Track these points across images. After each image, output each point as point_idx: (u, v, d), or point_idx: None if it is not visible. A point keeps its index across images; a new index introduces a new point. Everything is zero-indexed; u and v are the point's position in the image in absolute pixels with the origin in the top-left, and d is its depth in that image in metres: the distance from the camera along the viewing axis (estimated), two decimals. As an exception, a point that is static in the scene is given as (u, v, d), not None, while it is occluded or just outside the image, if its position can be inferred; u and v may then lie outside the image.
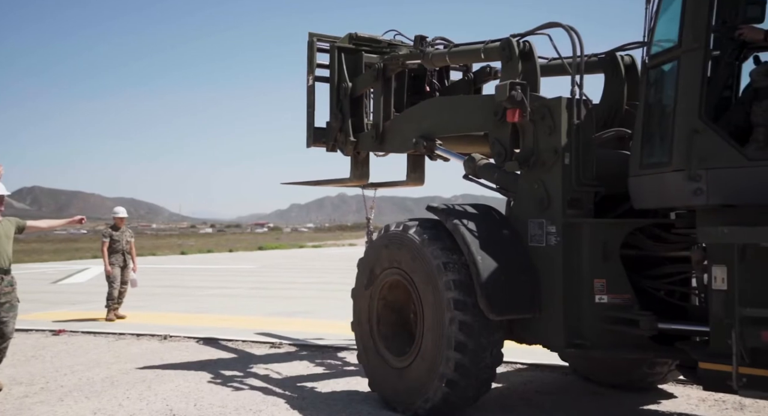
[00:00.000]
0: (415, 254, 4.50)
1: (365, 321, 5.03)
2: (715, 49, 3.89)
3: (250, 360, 6.72)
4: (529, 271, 4.28)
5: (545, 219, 4.22)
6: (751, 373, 3.26)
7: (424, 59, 5.33)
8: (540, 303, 4.24)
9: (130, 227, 10.67)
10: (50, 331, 8.63)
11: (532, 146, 4.34)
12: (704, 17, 3.54)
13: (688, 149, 3.47)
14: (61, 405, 5.09)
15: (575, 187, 4.15)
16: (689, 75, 3.55)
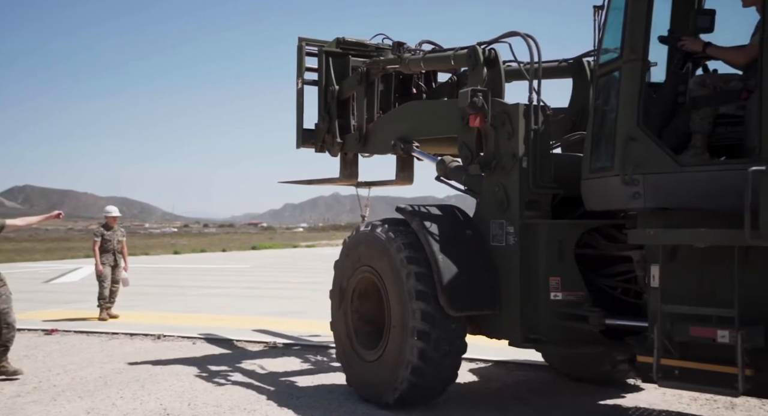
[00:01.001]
0: (381, 251, 4.72)
1: (341, 319, 5.22)
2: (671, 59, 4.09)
3: (244, 360, 6.72)
4: (489, 269, 4.50)
5: (505, 220, 4.47)
6: (672, 365, 3.48)
7: (401, 65, 5.53)
8: (500, 300, 4.47)
9: (123, 227, 10.64)
10: (43, 330, 8.59)
11: (494, 150, 4.57)
12: (641, 30, 3.72)
13: (624, 155, 3.67)
14: (53, 404, 5.07)
15: (533, 189, 4.38)
16: (628, 85, 3.73)
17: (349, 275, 5.14)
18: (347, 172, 6.28)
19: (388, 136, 5.63)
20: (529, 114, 4.40)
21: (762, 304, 3.26)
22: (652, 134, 3.65)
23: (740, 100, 3.59)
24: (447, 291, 4.36)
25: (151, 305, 11.35)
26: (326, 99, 6.12)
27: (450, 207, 4.88)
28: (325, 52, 6.04)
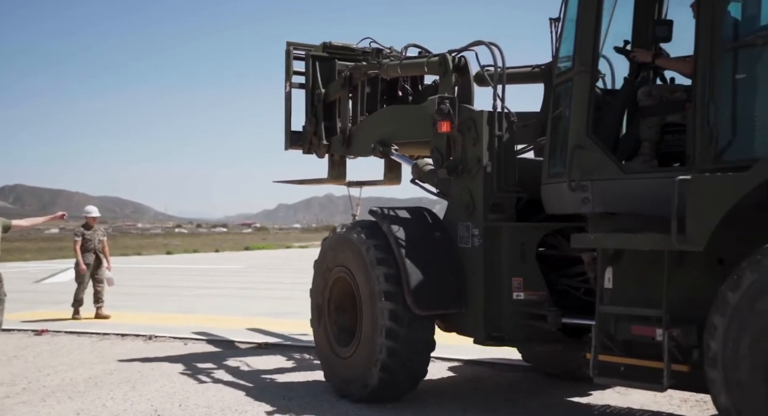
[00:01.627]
0: (354, 252, 4.91)
1: (319, 317, 5.40)
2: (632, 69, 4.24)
3: (236, 360, 6.69)
4: (456, 270, 4.70)
5: (471, 222, 4.67)
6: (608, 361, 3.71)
7: (380, 70, 5.71)
8: (466, 299, 4.67)
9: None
10: (33, 331, 8.53)
11: (461, 155, 4.77)
12: (590, 43, 3.91)
13: (573, 162, 3.88)
14: (43, 405, 5.03)
15: (496, 193, 4.60)
16: (578, 95, 3.92)
17: (327, 275, 5.31)
18: (335, 173, 6.44)
19: (368, 139, 5.79)
20: (492, 120, 4.60)
21: (690, 305, 3.40)
22: (600, 142, 3.83)
23: (684, 110, 3.71)
24: (413, 291, 4.55)
25: (143, 306, 11.30)
26: (313, 102, 6.27)
27: (421, 210, 5.07)
28: (311, 56, 6.21)
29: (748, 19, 3.55)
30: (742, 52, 3.44)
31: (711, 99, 3.46)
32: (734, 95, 3.46)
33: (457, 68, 4.95)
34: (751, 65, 3.42)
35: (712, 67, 3.47)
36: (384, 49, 6.08)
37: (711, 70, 3.47)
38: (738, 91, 3.44)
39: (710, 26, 3.49)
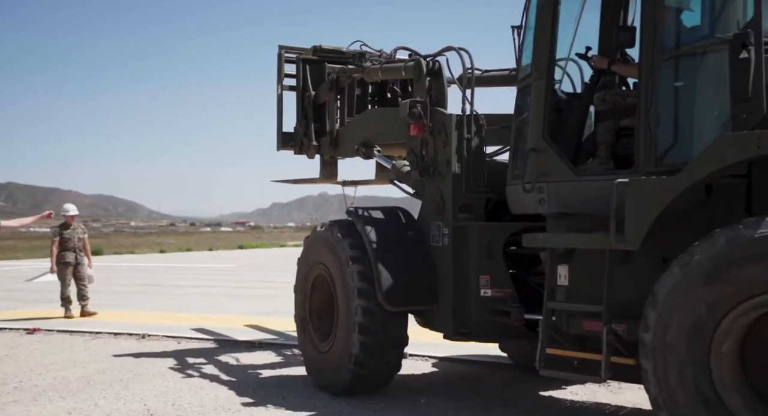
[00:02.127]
0: (331, 250, 5.10)
1: (301, 312, 5.61)
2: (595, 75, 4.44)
3: (229, 359, 6.67)
4: (427, 268, 4.89)
5: (441, 222, 4.86)
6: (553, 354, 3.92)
7: (363, 74, 5.88)
8: (437, 296, 4.85)
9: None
10: (24, 329, 8.47)
11: (432, 157, 4.97)
12: (546, 51, 4.09)
13: (528, 164, 4.11)
14: (35, 404, 5.00)
15: (465, 194, 4.78)
16: (535, 101, 4.11)
17: (308, 272, 5.52)
18: (326, 173, 6.59)
19: (353, 140, 5.96)
20: (461, 124, 4.78)
21: (636, 302, 3.52)
22: (555, 146, 4.03)
23: (634, 115, 3.83)
24: (384, 289, 4.72)
25: (136, 305, 11.25)
26: (303, 104, 6.43)
27: (395, 210, 5.24)
28: (302, 59, 6.37)
29: (686, 29, 3.73)
30: (680, 61, 3.62)
31: (652, 105, 3.64)
32: (673, 102, 3.62)
33: (431, 72, 5.11)
34: (688, 74, 3.61)
35: (653, 74, 3.64)
36: (371, 53, 6.20)
37: (652, 77, 3.64)
38: (676, 99, 3.61)
39: (652, 35, 3.65)
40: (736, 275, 2.99)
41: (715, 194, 3.54)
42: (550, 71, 4.10)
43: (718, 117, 3.49)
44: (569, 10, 4.29)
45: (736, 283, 2.99)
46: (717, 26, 3.53)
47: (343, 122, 6.24)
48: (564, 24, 4.22)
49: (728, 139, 3.26)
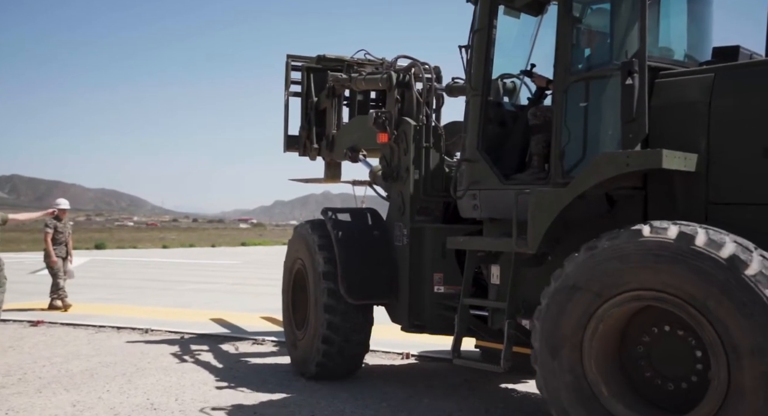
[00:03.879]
0: (307, 247, 5.56)
1: (286, 304, 6.08)
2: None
3: (231, 356, 6.69)
4: (389, 265, 5.31)
5: (402, 223, 5.29)
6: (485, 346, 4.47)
7: (351, 83, 6.24)
8: (397, 291, 5.27)
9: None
10: (28, 322, 8.52)
11: (396, 163, 5.39)
12: (481, 70, 4.46)
13: (464, 173, 4.53)
14: (39, 396, 5.02)
15: (423, 197, 5.20)
16: (472, 115, 4.51)
17: (291, 267, 6.00)
18: (330, 173, 6.93)
19: (343, 144, 6.36)
20: (420, 133, 5.20)
21: (528, 299, 4.00)
22: (486, 157, 4.43)
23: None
24: (345, 282, 5.16)
25: (139, 299, 11.28)
26: (306, 110, 6.86)
27: (365, 211, 5.68)
28: (306, 68, 6.82)
29: (592, 55, 4.12)
30: (585, 84, 3.98)
31: (562, 122, 4.03)
32: (578, 121, 3.99)
33: (400, 84, 5.48)
34: (591, 95, 3.96)
35: (564, 94, 4.03)
36: (373, 61, 6.50)
37: (562, 97, 4.04)
38: (581, 118, 3.98)
39: (563, 59, 4.04)
40: (596, 279, 3.35)
41: (619, 204, 3.96)
42: (484, 89, 4.47)
43: (612, 136, 3.82)
44: (526, 29, 4.68)
45: (597, 285, 3.35)
46: (616, 54, 3.87)
47: (338, 127, 6.67)
48: (520, 41, 4.62)
49: (604, 157, 3.64)
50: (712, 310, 2.97)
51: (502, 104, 4.86)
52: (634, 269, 3.20)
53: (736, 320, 2.91)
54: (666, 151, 3.41)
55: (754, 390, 2.88)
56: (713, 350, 3.01)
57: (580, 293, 3.41)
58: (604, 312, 3.34)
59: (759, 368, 2.86)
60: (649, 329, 3.37)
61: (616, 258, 3.26)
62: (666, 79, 3.79)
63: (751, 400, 2.88)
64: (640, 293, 3.20)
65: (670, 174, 3.59)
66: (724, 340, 2.96)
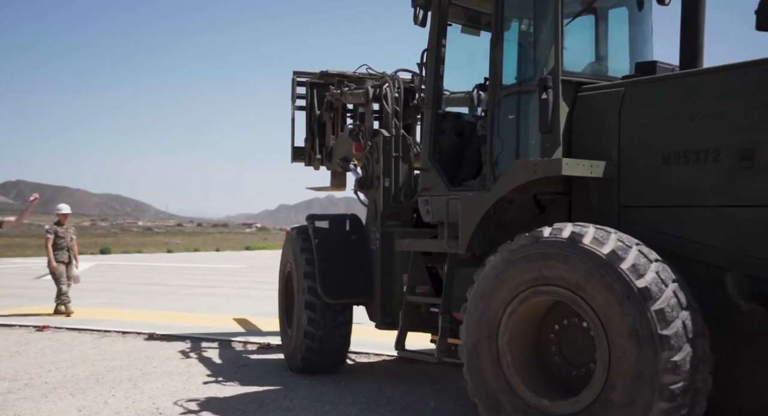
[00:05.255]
0: (293, 250, 6.00)
1: (281, 307, 6.53)
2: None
3: (237, 360, 6.69)
4: (364, 267, 5.73)
5: (375, 228, 5.67)
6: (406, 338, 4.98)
7: (342, 97, 6.61)
8: (371, 292, 5.69)
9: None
10: (34, 327, 8.54)
11: (371, 172, 5.79)
12: (431, 86, 4.83)
13: (420, 180, 4.90)
14: (45, 401, 5.03)
15: (393, 204, 5.54)
16: (425, 127, 4.91)
17: (283, 269, 6.46)
18: (335, 182, 7.24)
19: (338, 155, 6.74)
20: (389, 144, 5.53)
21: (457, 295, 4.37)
22: (437, 165, 4.79)
23: None
24: (322, 283, 5.59)
25: (144, 304, 11.30)
26: (311, 122, 7.25)
27: (345, 216, 6.09)
28: (310, 83, 7.21)
29: (519, 71, 4.46)
30: (513, 98, 4.34)
31: (495, 133, 4.40)
32: (508, 132, 4.36)
33: (376, 99, 5.87)
34: (518, 109, 4.32)
35: (496, 107, 4.41)
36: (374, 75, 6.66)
37: (495, 110, 4.42)
38: (510, 129, 4.34)
39: (494, 75, 4.41)
40: (509, 275, 3.67)
41: (548, 208, 4.32)
42: (434, 103, 4.84)
43: (535, 146, 4.17)
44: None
45: (509, 281, 3.66)
46: (538, 70, 4.21)
47: (336, 138, 7.02)
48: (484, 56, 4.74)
49: (517, 165, 4.02)
50: (595, 300, 3.32)
51: (461, 116, 5.16)
52: (537, 267, 3.53)
53: (614, 307, 3.25)
54: (566, 159, 3.79)
55: (633, 377, 3.16)
56: (597, 336, 3.34)
57: (496, 290, 3.74)
58: (515, 306, 3.67)
59: (634, 356, 3.16)
60: (560, 320, 3.70)
61: (523, 257, 3.60)
62: (586, 93, 4.12)
63: (629, 386, 3.17)
64: (542, 288, 3.54)
65: (588, 180, 3.95)
66: (605, 327, 3.29)
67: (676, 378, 3.09)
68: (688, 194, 3.61)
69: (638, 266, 3.23)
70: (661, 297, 3.16)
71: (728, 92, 3.53)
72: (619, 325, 3.22)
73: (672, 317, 3.14)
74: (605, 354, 3.29)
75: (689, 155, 3.59)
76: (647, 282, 3.18)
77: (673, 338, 3.10)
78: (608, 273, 3.26)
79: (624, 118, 3.89)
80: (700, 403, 3.20)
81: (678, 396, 3.10)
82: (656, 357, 3.09)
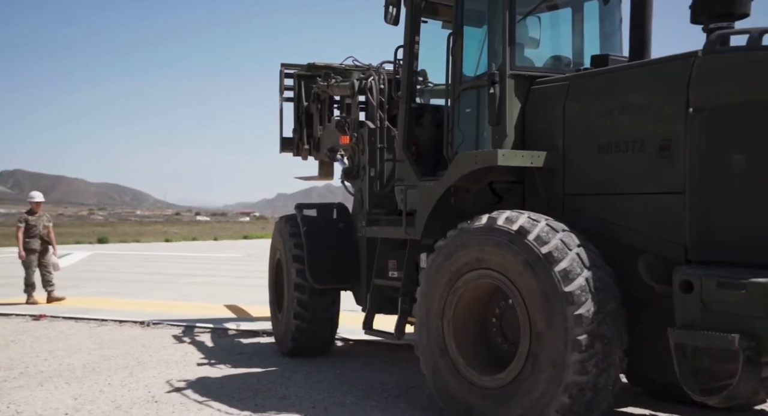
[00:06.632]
0: (283, 238, 6.21)
1: (271, 291, 6.76)
2: None
3: (233, 348, 6.70)
4: (351, 254, 5.92)
5: (361, 216, 5.77)
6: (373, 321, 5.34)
7: (329, 89, 6.68)
8: (358, 277, 5.84)
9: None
10: (30, 316, 8.54)
11: (356, 163, 5.94)
12: (405, 82, 5.02)
13: (396, 171, 5.09)
14: (40, 390, 5.03)
15: (377, 193, 5.61)
16: (401, 121, 5.06)
17: (273, 257, 6.67)
18: (323, 171, 7.34)
19: (325, 145, 6.84)
20: (374, 135, 5.61)
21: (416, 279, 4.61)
22: (409, 156, 4.95)
23: None
24: (310, 268, 5.81)
25: (141, 293, 11.30)
26: (298, 113, 7.36)
27: (332, 205, 6.29)
28: (297, 75, 7.33)
29: (476, 66, 4.61)
30: (470, 92, 4.57)
31: (456, 126, 4.62)
32: (467, 124, 4.57)
33: (362, 91, 5.97)
34: (474, 102, 4.53)
35: (455, 100, 4.65)
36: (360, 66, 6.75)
37: (454, 103, 4.65)
38: (469, 121, 4.56)
39: (455, 69, 4.63)
40: (456, 257, 3.95)
41: (505, 197, 4.60)
42: (408, 98, 5.02)
43: (487, 137, 4.41)
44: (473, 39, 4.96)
45: (456, 263, 3.95)
46: (491, 65, 4.39)
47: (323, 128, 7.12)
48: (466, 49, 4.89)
49: (463, 156, 4.30)
50: (512, 273, 3.66)
51: (440, 108, 5.23)
52: (473, 250, 3.86)
53: (526, 276, 3.57)
54: (503, 150, 4.07)
55: (550, 337, 3.46)
56: (519, 307, 3.66)
57: (440, 274, 4.06)
58: (457, 288, 3.99)
59: (548, 317, 3.48)
60: (500, 302, 4.01)
61: (463, 242, 3.92)
62: (538, 87, 4.33)
63: (548, 346, 3.47)
64: (474, 272, 3.88)
65: (534, 170, 4.19)
66: (523, 297, 3.61)
67: (584, 330, 3.38)
68: (620, 182, 3.84)
69: (542, 236, 3.58)
70: (564, 259, 3.48)
71: (650, 86, 3.74)
72: (532, 291, 3.56)
73: (575, 275, 3.44)
74: (526, 322, 3.61)
75: (620, 145, 3.83)
76: (550, 248, 3.52)
77: (576, 293, 3.40)
78: (518, 246, 3.62)
79: (568, 110, 4.11)
80: (612, 352, 3.47)
81: (588, 347, 3.37)
82: (564, 312, 3.41)
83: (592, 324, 3.40)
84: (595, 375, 3.41)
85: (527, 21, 4.71)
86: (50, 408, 4.58)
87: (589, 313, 3.41)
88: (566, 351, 3.39)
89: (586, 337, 3.38)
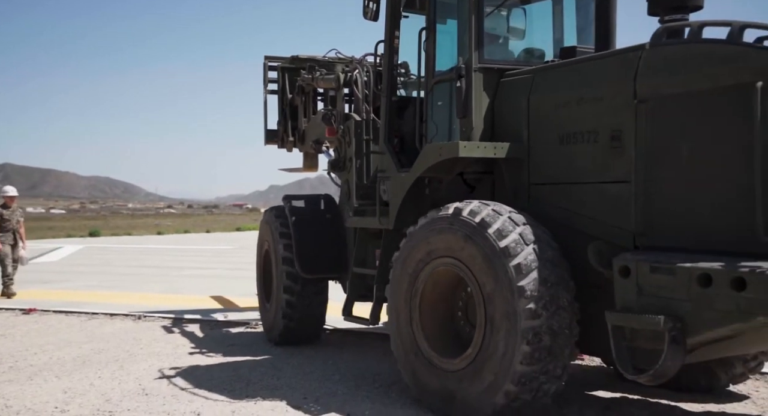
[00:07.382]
0: (271, 228, 6.32)
1: (260, 281, 6.86)
2: None
3: (224, 340, 6.69)
4: (338, 244, 6.06)
5: (348, 206, 5.83)
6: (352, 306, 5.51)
7: (313, 82, 6.73)
8: (346, 267, 5.90)
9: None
10: (20, 310, 8.49)
11: (343, 154, 6.04)
12: (387, 76, 5.09)
13: (378, 162, 5.21)
14: (30, 384, 5.01)
15: (364, 183, 5.60)
16: (383, 114, 5.14)
17: (261, 247, 6.76)
18: (308, 163, 7.40)
19: (310, 137, 6.93)
20: (360, 127, 5.63)
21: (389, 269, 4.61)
22: (390, 148, 5.03)
23: None
24: (298, 258, 5.91)
25: (133, 286, 11.26)
26: (283, 106, 7.40)
27: (319, 196, 6.40)
28: (281, 68, 7.36)
29: (445, 61, 4.69)
30: (441, 86, 4.65)
31: (429, 118, 4.72)
32: (439, 116, 4.68)
33: (347, 84, 6.09)
34: (446, 95, 4.61)
35: (428, 93, 4.76)
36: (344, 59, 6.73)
37: (427, 95, 4.77)
38: (441, 113, 4.67)
39: (428, 64, 4.73)
40: (426, 243, 4.11)
41: (477, 187, 4.70)
42: (389, 92, 5.09)
43: (457, 129, 4.50)
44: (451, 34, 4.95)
45: (425, 248, 4.12)
46: (461, 59, 4.43)
47: (308, 120, 7.16)
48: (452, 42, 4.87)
49: (429, 148, 4.46)
50: (471, 263, 3.81)
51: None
52: (436, 239, 4.03)
53: (484, 266, 3.73)
54: (464, 142, 4.19)
55: (500, 322, 3.64)
56: (476, 294, 3.82)
57: (408, 261, 4.25)
58: (425, 274, 4.16)
59: (501, 305, 3.64)
60: (462, 293, 4.18)
61: (429, 231, 4.09)
62: (506, 79, 4.43)
63: (500, 331, 3.64)
64: (438, 260, 4.05)
65: (500, 161, 4.31)
66: (480, 286, 3.78)
67: (534, 323, 3.54)
68: (577, 172, 3.97)
69: (502, 229, 3.72)
70: (520, 254, 3.62)
71: (603, 77, 3.85)
72: (488, 281, 3.72)
73: (528, 270, 3.59)
74: (482, 309, 3.77)
75: (577, 136, 3.95)
76: (508, 242, 3.66)
77: (528, 288, 3.55)
78: (479, 238, 3.77)
79: (532, 102, 4.23)
80: (560, 344, 3.62)
81: (537, 339, 3.54)
82: (516, 305, 3.56)
83: (541, 318, 3.55)
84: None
85: (505, 13, 4.82)
86: (40, 401, 4.56)
87: (539, 307, 3.55)
88: (516, 340, 3.54)
89: (535, 330, 3.53)
